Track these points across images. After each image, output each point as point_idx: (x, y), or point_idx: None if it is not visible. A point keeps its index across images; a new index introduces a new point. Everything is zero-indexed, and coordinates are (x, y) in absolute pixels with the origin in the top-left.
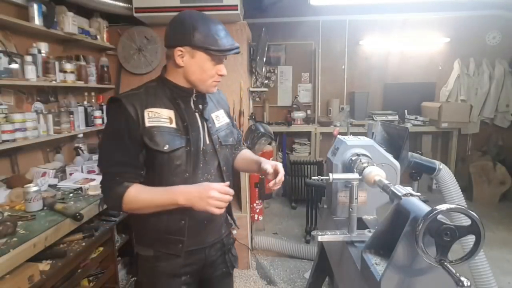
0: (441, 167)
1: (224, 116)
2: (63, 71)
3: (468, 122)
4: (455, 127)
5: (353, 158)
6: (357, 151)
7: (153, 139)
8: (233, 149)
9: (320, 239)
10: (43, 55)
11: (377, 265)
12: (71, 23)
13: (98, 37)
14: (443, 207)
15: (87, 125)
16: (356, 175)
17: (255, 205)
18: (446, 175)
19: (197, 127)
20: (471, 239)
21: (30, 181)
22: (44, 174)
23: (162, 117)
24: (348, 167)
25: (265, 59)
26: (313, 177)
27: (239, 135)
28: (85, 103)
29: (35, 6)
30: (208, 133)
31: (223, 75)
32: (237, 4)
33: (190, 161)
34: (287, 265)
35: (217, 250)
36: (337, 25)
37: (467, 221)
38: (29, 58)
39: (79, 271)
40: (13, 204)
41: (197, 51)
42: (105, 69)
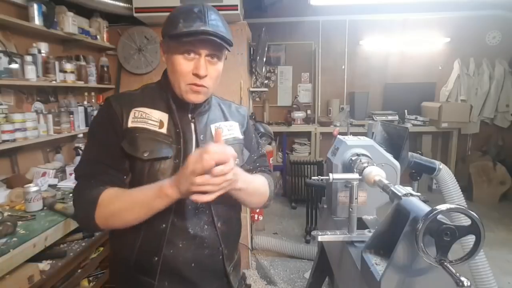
0: (441, 167)
1: (233, 129)
2: (63, 71)
3: (468, 122)
4: (455, 127)
5: (353, 158)
6: (357, 151)
7: (133, 143)
8: None
9: (320, 239)
10: (43, 55)
11: (377, 265)
12: (71, 23)
13: (98, 37)
14: (443, 207)
15: (87, 125)
16: (356, 175)
17: None
18: (446, 175)
19: (190, 138)
20: (471, 239)
21: (30, 181)
22: (44, 174)
23: (150, 118)
24: (348, 167)
25: (265, 59)
26: (313, 177)
27: (259, 158)
28: (85, 103)
29: (35, 6)
30: (197, 148)
31: (198, 75)
32: (237, 4)
33: None
34: (287, 265)
35: None
36: (337, 25)
37: (467, 221)
38: (29, 58)
39: (79, 271)
40: (13, 204)
41: (168, 42)
42: (105, 69)
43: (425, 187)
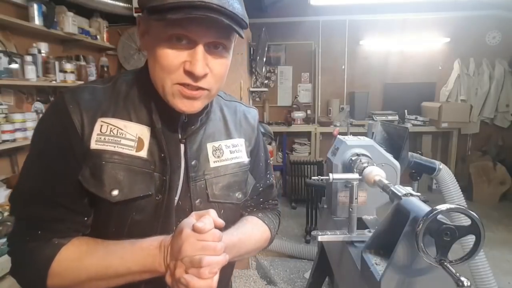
0: (441, 167)
1: (237, 151)
2: (63, 71)
3: (468, 122)
4: (455, 127)
5: (353, 158)
6: (357, 151)
7: (96, 175)
8: (239, 209)
9: (320, 239)
10: (43, 55)
11: (377, 265)
12: (71, 23)
13: (98, 37)
14: (443, 207)
15: None
16: (356, 175)
17: None
18: (446, 175)
19: (178, 166)
20: (471, 239)
21: None
22: None
23: (124, 136)
24: (348, 167)
25: (265, 59)
26: (313, 177)
27: (265, 190)
28: None
29: (35, 6)
30: (186, 179)
31: (193, 74)
32: None
33: (159, 220)
34: (287, 265)
35: None
36: (337, 25)
37: (467, 221)
38: (29, 58)
39: None
40: None
41: (147, 18)
42: (105, 69)
43: (425, 187)
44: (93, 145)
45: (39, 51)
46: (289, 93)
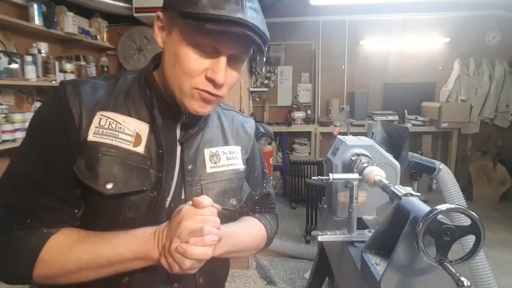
0: (441, 167)
1: (234, 158)
2: (63, 71)
3: (468, 122)
4: (455, 127)
5: (353, 158)
6: (357, 151)
7: (92, 167)
8: (236, 215)
9: (320, 239)
10: (43, 55)
11: (377, 265)
12: (71, 23)
13: (98, 37)
14: (443, 207)
15: None
16: (356, 175)
17: None
18: (446, 175)
19: (173, 166)
20: (471, 239)
21: None
22: None
23: (122, 131)
24: (348, 167)
25: (265, 59)
26: (313, 177)
27: (262, 198)
28: None
29: (35, 6)
30: (181, 182)
31: (214, 82)
32: None
33: (152, 219)
34: (287, 265)
35: None
36: (337, 25)
37: (467, 221)
38: (29, 58)
39: None
40: None
41: (176, 19)
42: (105, 69)
43: (425, 187)
44: (91, 137)
45: (39, 51)
46: (289, 93)
